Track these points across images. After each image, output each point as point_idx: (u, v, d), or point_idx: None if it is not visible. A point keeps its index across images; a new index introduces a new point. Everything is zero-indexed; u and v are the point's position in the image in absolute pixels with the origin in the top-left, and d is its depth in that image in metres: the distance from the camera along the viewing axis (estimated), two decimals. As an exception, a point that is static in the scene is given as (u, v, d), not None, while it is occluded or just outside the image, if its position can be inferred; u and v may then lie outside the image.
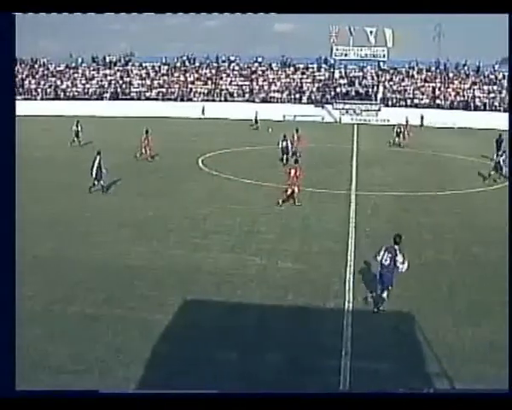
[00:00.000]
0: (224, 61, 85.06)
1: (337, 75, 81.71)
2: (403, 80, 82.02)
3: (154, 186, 31.10)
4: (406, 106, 76.25)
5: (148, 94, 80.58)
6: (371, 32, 75.08)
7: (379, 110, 75.21)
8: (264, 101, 78.43)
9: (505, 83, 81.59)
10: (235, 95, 79.95)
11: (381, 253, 15.89)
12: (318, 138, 50.02)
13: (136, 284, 17.09)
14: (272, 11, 8.34)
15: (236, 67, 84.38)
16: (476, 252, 21.23)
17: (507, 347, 10.08)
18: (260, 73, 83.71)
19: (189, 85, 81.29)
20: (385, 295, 15.75)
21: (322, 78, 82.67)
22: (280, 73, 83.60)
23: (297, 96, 79.67)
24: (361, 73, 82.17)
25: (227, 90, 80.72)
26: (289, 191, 27.39)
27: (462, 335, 14.56)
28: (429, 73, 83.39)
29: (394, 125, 53.83)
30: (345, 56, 78.08)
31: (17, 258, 7.50)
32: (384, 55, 77.16)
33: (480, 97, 79.48)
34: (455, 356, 13.41)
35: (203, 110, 72.95)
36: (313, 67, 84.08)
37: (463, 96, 79.74)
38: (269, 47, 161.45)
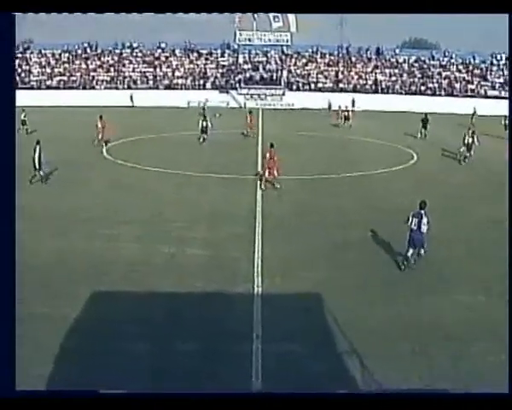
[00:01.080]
0: (126, 48, 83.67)
1: (241, 60, 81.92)
2: (306, 65, 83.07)
3: (60, 178, 30.12)
4: (310, 90, 77.42)
5: (48, 82, 78.32)
6: (274, 18, 75.55)
7: (283, 94, 75.94)
8: (167, 87, 77.82)
9: (406, 66, 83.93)
10: (139, 82, 78.90)
11: (410, 219, 17.82)
12: (223, 124, 50.04)
13: (43, 278, 16.64)
14: (272, 11, 8.35)
15: (139, 54, 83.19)
16: (383, 231, 21.76)
17: (507, 346, 10.37)
18: (164, 59, 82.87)
19: (91, 73, 79.56)
20: (422, 252, 17.97)
21: (226, 63, 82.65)
22: (183, 59, 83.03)
23: (201, 82, 79.37)
24: (265, 58, 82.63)
25: (130, 77, 79.50)
26: (267, 174, 28.53)
27: (372, 313, 14.87)
28: (332, 58, 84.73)
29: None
30: (248, 41, 78.34)
31: None
32: (287, 40, 77.97)
33: (382, 81, 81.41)
34: (366, 334, 13.65)
35: (131, 98, 71.50)
36: (217, 53, 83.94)
37: (366, 79, 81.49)
38: (172, 33, 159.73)
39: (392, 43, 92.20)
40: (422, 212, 17.76)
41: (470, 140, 38.26)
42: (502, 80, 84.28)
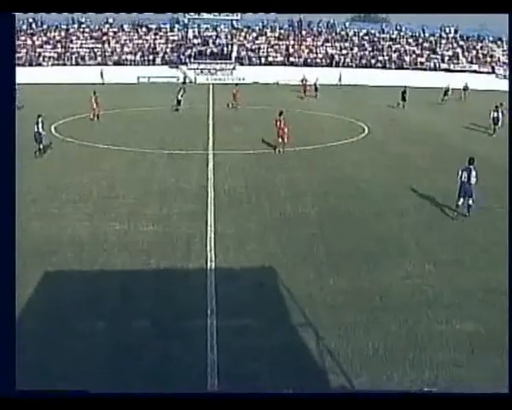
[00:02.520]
0: (73, 23, 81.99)
1: (191, 35, 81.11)
2: (257, 39, 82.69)
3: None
4: (260, 64, 77.15)
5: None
6: (224, -9, 74.82)
7: (234, 69, 75.54)
8: (116, 63, 76.59)
9: (356, 40, 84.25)
10: (87, 58, 77.48)
11: (459, 173, 20.60)
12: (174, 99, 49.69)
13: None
14: (272, 11, 8.19)
15: (87, 30, 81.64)
16: (334, 204, 21.97)
17: (507, 347, 10.52)
18: (112, 34, 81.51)
19: (38, 50, 77.84)
20: (470, 202, 20.61)
21: (176, 38, 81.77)
22: (132, 34, 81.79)
23: (150, 57, 78.43)
24: (215, 33, 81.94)
25: (78, 53, 78.00)
26: (280, 140, 30.75)
27: (323, 285, 15.04)
28: (282, 32, 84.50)
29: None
30: (198, 16, 77.51)
31: None
32: (237, 14, 77.31)
33: (332, 54, 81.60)
34: (318, 306, 13.83)
35: (101, 74, 69.86)
36: (166, 28, 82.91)
37: (316, 53, 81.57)
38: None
39: (342, 16, 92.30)
40: (471, 166, 20.40)
41: (495, 114, 39.83)
42: (451, 53, 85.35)
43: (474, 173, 20.30)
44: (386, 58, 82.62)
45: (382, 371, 11.30)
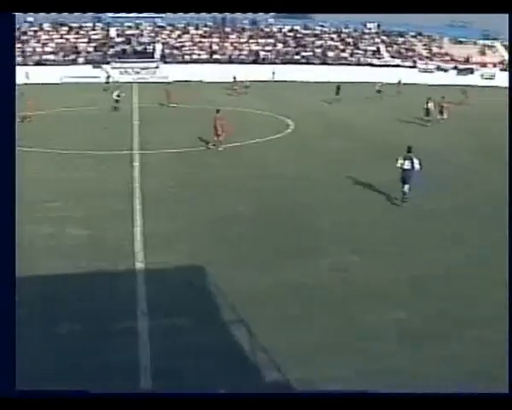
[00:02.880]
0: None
1: (113, 34, 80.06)
2: (180, 37, 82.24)
3: None
4: (185, 62, 76.68)
5: None
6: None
7: (157, 68, 74.83)
8: (38, 63, 74.74)
9: (280, 36, 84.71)
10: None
11: (400, 161, 21.58)
12: (98, 99, 48.95)
13: None
14: (272, 11, 8.27)
15: (5, 29, 79.32)
16: (262, 200, 22.02)
17: (507, 347, 10.59)
18: (32, 34, 79.61)
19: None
20: (406, 188, 21.54)
21: (98, 37, 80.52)
22: (52, 33, 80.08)
23: (73, 57, 76.94)
24: (137, 31, 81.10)
25: (-3, 53, 75.75)
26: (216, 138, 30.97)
27: (253, 281, 15.04)
28: (206, 29, 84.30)
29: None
30: (120, 13, 76.49)
31: None
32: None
33: (257, 51, 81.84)
34: (249, 302, 13.80)
35: (27, 75, 67.67)
36: (88, 27, 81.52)
37: (241, 50, 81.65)
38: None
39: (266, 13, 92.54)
40: (411, 154, 21.67)
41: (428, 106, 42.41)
42: (374, 48, 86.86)
43: (416, 161, 21.50)
44: (310, 54, 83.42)
45: (317, 365, 11.35)
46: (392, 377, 10.99)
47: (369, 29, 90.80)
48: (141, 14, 76.72)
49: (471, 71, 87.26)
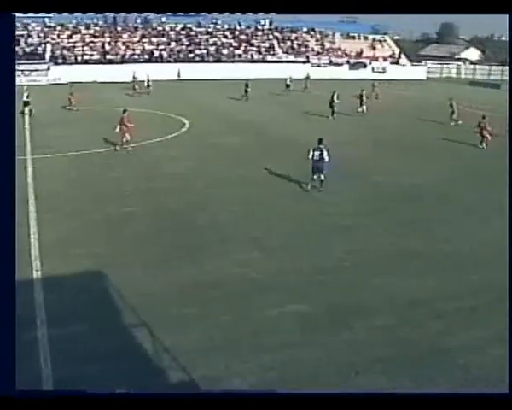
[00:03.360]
0: None
1: None
2: (71, 37, 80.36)
3: None
4: (77, 63, 74.96)
5: None
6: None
7: (48, 69, 72.72)
8: None
9: (173, 34, 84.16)
10: None
11: (311, 152, 22.95)
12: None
13: None
14: (272, 11, 8.26)
15: None
16: (158, 200, 21.81)
17: (507, 347, 10.54)
18: None
19: None
20: (322, 177, 22.98)
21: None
22: None
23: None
24: (26, 32, 78.59)
25: None
26: (125, 138, 30.24)
27: (154, 282, 14.86)
28: (98, 28, 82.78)
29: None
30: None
31: None
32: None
33: (150, 50, 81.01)
34: (149, 304, 13.65)
35: None
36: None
37: (133, 49, 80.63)
38: None
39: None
40: (322, 146, 22.93)
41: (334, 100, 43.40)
42: (267, 45, 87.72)
43: (325, 152, 22.79)
44: (204, 52, 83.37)
45: (220, 362, 11.36)
46: (296, 368, 11.15)
47: (262, 26, 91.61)
48: (28, 14, 74.23)
49: (364, 65, 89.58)
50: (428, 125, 42.88)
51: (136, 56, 79.46)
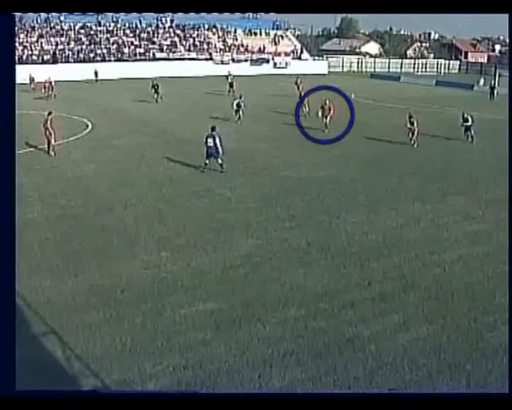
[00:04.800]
0: None
1: None
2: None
3: None
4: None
5: None
6: None
7: None
8: None
9: (72, 34, 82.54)
10: None
11: (206, 139, 25.20)
12: None
13: None
14: (272, 11, 8.18)
15: None
16: (61, 205, 21.31)
17: (507, 348, 10.33)
18: None
19: None
20: (220, 161, 25.33)
21: None
22: None
23: None
24: None
25: None
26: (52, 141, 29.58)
27: (61, 289, 14.48)
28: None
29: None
30: None
31: None
32: None
33: (49, 50, 79.10)
34: (59, 311, 13.30)
35: None
36: None
37: (31, 49, 78.47)
38: None
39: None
40: (214, 133, 25.20)
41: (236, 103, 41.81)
42: (169, 42, 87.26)
43: (218, 139, 25.04)
44: (105, 51, 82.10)
45: (133, 365, 11.22)
46: (210, 366, 11.15)
47: (164, 23, 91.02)
48: None
49: (266, 61, 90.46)
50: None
51: (34, 57, 77.32)
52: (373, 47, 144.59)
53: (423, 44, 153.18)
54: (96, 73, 70.13)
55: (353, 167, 27.36)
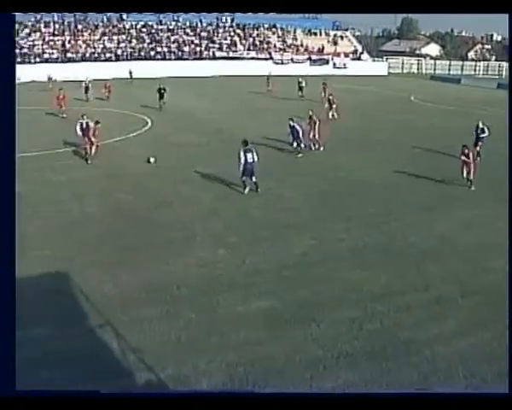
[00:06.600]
0: None
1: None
2: (30, 35, 79.25)
3: None
4: (36, 62, 73.86)
5: None
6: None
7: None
8: None
9: (134, 32, 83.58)
10: None
11: (242, 154, 21.94)
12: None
13: None
14: (272, 11, 8.23)
15: None
16: (117, 200, 21.60)
17: (507, 348, 10.44)
18: None
19: None
20: (254, 179, 22.26)
21: None
22: None
23: None
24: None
25: None
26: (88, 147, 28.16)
27: (118, 283, 14.71)
28: (57, 26, 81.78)
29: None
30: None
31: None
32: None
33: (111, 48, 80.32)
34: (115, 305, 13.50)
35: None
36: None
37: (94, 47, 79.81)
38: None
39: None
40: (251, 147, 22.50)
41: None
42: (229, 41, 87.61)
43: (255, 154, 22.22)
44: (166, 49, 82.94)
45: (188, 361, 11.29)
46: (262, 365, 11.14)
47: (224, 23, 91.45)
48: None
49: (326, 61, 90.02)
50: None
51: (96, 55, 78.70)
52: (433, 48, 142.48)
53: (485, 46, 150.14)
54: (130, 73, 68.59)
55: (407, 170, 26.89)
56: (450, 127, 40.22)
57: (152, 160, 26.83)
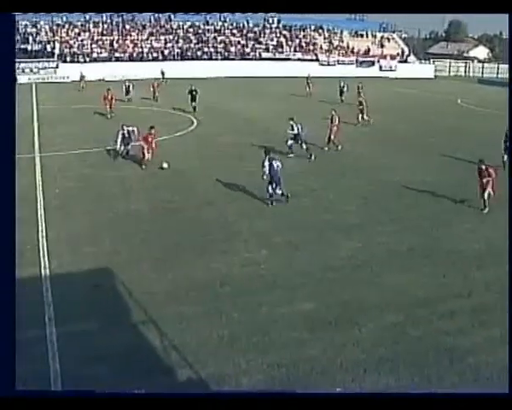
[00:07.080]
0: None
1: (10, 33, 77.30)
2: (79, 34, 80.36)
3: None
4: (85, 61, 74.82)
5: None
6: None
7: (57, 67, 72.65)
8: None
9: (181, 32, 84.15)
10: None
11: (267, 163, 20.81)
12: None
13: None
14: (272, 11, 8.12)
15: None
16: (164, 198, 21.82)
17: (507, 347, 10.54)
18: None
19: None
20: (281, 189, 20.79)
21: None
22: None
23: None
24: (35, 29, 78.67)
25: None
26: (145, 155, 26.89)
27: (161, 280, 14.88)
28: (106, 26, 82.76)
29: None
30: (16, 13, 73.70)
31: None
32: (56, 9, 74.37)
33: (158, 48, 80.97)
34: (158, 302, 13.66)
35: None
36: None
37: (141, 47, 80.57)
38: None
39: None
40: (272, 156, 21.37)
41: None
42: (275, 42, 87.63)
43: (278, 162, 21.15)
44: (212, 50, 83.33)
45: (229, 359, 11.36)
46: (304, 366, 11.13)
47: (270, 23, 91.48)
48: (38, 13, 74.15)
49: (372, 63, 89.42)
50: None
51: (144, 55, 79.46)
52: (481, 51, 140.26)
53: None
54: (162, 73, 65.75)
55: (452, 173, 26.53)
56: (494, 131, 39.56)
57: (165, 165, 26.04)
